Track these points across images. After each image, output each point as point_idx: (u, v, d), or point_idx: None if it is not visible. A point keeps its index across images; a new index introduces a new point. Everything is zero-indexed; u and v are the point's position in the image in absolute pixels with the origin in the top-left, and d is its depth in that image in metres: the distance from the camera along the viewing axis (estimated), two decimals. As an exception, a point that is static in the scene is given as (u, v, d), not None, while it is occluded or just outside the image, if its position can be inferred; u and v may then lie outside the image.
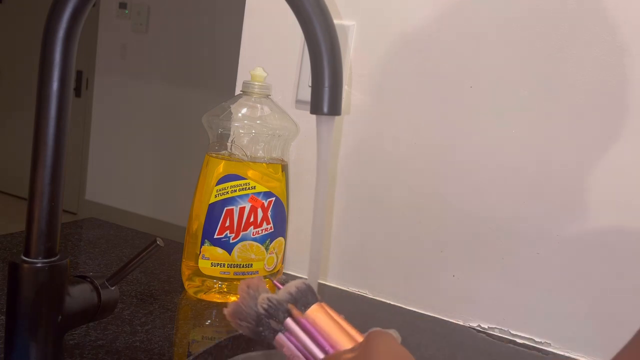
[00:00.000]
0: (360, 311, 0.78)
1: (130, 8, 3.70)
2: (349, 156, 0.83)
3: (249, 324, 0.43)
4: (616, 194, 0.69)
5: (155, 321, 0.64)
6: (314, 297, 0.43)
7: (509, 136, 0.73)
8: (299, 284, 0.43)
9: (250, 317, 0.43)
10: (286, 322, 0.42)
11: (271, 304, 0.42)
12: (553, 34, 0.70)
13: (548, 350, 0.73)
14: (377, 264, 0.82)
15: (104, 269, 0.77)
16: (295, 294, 0.43)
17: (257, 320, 0.43)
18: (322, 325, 0.41)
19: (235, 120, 0.73)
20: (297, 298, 0.43)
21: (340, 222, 0.84)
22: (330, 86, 0.43)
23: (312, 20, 0.43)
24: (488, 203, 0.75)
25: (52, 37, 0.45)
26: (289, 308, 0.42)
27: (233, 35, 1.80)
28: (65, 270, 0.48)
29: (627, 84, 0.68)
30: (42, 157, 0.46)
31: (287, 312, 0.42)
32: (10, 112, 4.18)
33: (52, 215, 0.47)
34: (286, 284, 0.44)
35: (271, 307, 0.42)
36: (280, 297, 0.43)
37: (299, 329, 0.41)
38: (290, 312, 0.42)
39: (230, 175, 0.71)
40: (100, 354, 0.55)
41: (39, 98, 0.46)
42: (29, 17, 3.99)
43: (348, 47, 0.81)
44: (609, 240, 0.69)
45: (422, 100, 0.78)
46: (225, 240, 0.71)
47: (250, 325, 0.43)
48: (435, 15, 0.76)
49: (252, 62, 0.87)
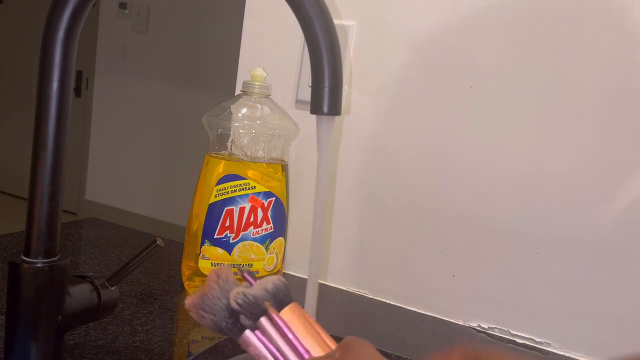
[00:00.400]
0: (360, 311, 0.78)
1: (130, 8, 3.70)
2: (349, 156, 0.83)
3: (213, 316, 0.40)
4: (616, 194, 0.69)
5: (155, 321, 0.64)
6: (290, 296, 0.41)
7: (509, 136, 0.73)
8: (275, 281, 0.41)
9: (216, 310, 0.40)
10: (260, 320, 0.39)
11: (246, 299, 0.39)
12: (553, 34, 0.70)
13: (548, 350, 0.73)
14: (377, 264, 0.82)
15: (104, 269, 0.77)
16: (271, 290, 0.40)
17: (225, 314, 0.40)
18: (297, 327, 0.39)
19: (235, 120, 0.73)
20: (274, 295, 0.40)
21: (340, 222, 0.84)
22: (330, 86, 0.43)
23: (312, 20, 0.43)
24: (488, 203, 0.75)
25: (52, 37, 0.45)
26: (266, 306, 0.39)
27: (233, 35, 1.81)
28: (65, 270, 0.48)
29: (627, 84, 0.68)
30: (42, 157, 0.46)
31: (262, 310, 0.39)
32: (10, 112, 4.18)
33: (52, 215, 0.47)
34: (260, 280, 0.41)
35: (245, 303, 0.39)
36: (256, 293, 0.40)
37: (273, 329, 0.39)
38: (266, 310, 0.39)
39: (230, 175, 0.71)
40: (100, 354, 0.55)
41: (39, 98, 0.46)
42: (29, 17, 3.99)
43: (348, 47, 0.81)
44: (609, 240, 0.69)
45: (422, 100, 0.78)
46: (225, 240, 0.71)
47: (215, 318, 0.40)
48: (435, 16, 0.76)
49: (252, 62, 0.87)
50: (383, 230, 0.81)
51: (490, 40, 0.74)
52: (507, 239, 0.74)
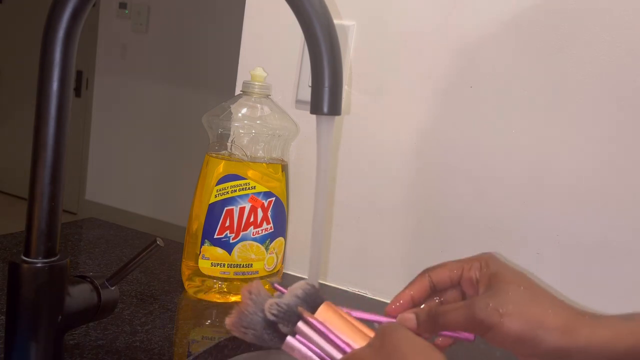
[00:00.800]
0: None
1: (130, 8, 3.70)
2: (349, 156, 0.83)
3: (254, 330, 0.43)
4: (616, 194, 0.69)
5: (155, 321, 0.64)
6: (320, 296, 0.43)
7: (509, 136, 0.73)
8: (304, 286, 0.43)
9: (255, 324, 0.42)
10: (298, 325, 0.41)
11: (280, 308, 0.42)
12: (553, 34, 0.70)
13: (548, 350, 0.73)
14: (377, 264, 0.82)
15: (104, 269, 0.77)
16: (302, 296, 0.42)
17: (264, 326, 0.42)
18: (334, 324, 0.41)
19: (235, 120, 0.73)
20: (305, 300, 0.42)
21: (340, 222, 0.84)
22: (330, 86, 0.43)
23: (312, 20, 0.43)
24: (488, 203, 0.75)
25: (52, 37, 0.45)
26: (300, 311, 0.41)
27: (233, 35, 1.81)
28: (65, 270, 0.48)
29: (627, 84, 0.68)
30: (42, 157, 0.46)
31: (297, 316, 0.42)
32: (10, 112, 4.18)
33: (52, 215, 0.47)
34: (290, 287, 0.43)
35: (281, 312, 0.42)
36: (288, 301, 0.42)
37: (312, 331, 0.41)
38: (301, 315, 0.41)
39: (230, 175, 0.71)
40: (100, 354, 0.55)
41: (39, 98, 0.46)
42: (29, 17, 3.99)
43: (348, 47, 0.81)
44: (609, 240, 0.69)
45: (422, 100, 0.78)
46: (225, 240, 0.71)
47: (256, 332, 0.43)
48: (434, 15, 0.76)
49: (252, 62, 0.87)
50: (383, 230, 0.81)
51: (490, 40, 0.73)
52: (507, 239, 0.74)
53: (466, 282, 0.46)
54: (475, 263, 0.45)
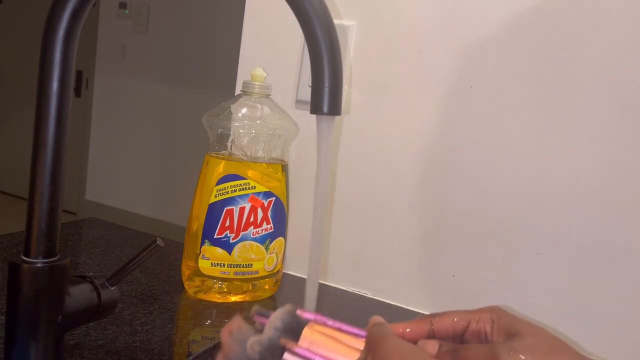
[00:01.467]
0: (360, 311, 0.78)
1: (130, 8, 3.70)
2: (349, 156, 0.83)
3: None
4: (616, 194, 0.69)
5: (155, 321, 0.64)
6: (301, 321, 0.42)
7: (509, 136, 0.73)
8: (282, 315, 0.42)
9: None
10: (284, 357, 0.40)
11: (262, 347, 0.41)
12: (553, 34, 0.70)
13: (548, 350, 0.72)
14: (377, 264, 0.82)
15: (104, 269, 0.77)
16: (282, 327, 0.42)
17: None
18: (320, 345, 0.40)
19: (235, 120, 0.73)
20: (285, 330, 0.41)
21: (340, 222, 0.84)
22: (330, 86, 0.43)
23: (312, 20, 0.43)
24: (488, 203, 0.75)
25: (52, 37, 0.45)
26: (282, 344, 0.40)
27: (233, 35, 1.81)
28: (65, 270, 0.48)
29: (627, 84, 0.68)
30: (42, 157, 0.46)
31: (281, 348, 0.41)
32: (10, 112, 4.18)
33: (52, 215, 0.47)
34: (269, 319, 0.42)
35: (263, 350, 0.41)
36: (269, 335, 0.41)
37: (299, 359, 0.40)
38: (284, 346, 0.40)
39: (230, 175, 0.71)
40: (100, 354, 0.55)
41: (39, 98, 0.46)
42: (29, 17, 3.99)
43: (348, 47, 0.81)
44: (609, 240, 0.69)
45: (422, 100, 0.78)
46: (225, 240, 0.71)
47: None
48: (434, 15, 0.76)
49: (252, 62, 0.87)
50: (383, 230, 0.81)
51: (491, 40, 0.73)
52: (507, 239, 0.74)
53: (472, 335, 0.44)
54: (484, 315, 0.44)
